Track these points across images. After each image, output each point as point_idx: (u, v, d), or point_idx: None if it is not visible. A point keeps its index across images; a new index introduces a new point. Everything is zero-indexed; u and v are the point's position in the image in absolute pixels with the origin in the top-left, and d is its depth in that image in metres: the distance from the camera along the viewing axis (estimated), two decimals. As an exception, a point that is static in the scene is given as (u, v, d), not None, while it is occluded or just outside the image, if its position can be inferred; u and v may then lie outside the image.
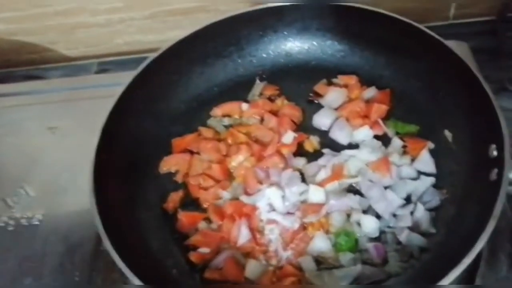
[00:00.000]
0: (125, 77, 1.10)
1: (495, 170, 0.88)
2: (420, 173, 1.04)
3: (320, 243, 0.95)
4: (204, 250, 0.98)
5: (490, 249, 0.99)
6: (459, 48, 1.26)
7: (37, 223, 1.13)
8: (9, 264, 1.07)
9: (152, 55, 1.14)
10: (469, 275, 0.96)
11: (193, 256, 0.97)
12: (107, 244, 0.86)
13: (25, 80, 1.52)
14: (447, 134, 1.06)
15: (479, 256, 0.98)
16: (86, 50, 1.53)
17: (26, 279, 1.05)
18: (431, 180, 1.02)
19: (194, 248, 0.99)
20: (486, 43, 1.35)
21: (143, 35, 1.49)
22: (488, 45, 1.35)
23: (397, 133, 1.10)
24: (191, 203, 1.06)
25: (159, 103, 1.16)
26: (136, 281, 0.82)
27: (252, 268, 0.94)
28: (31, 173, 1.22)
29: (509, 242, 1.01)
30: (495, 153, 0.91)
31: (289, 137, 1.10)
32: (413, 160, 1.05)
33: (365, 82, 1.18)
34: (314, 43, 1.23)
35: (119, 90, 1.08)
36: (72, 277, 1.04)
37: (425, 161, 1.04)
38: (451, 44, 1.07)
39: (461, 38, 1.32)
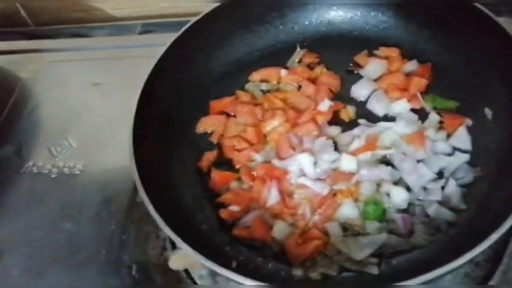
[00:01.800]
0: (167, 38, 1.12)
1: (532, 150, 0.87)
2: (455, 149, 1.03)
3: (348, 210, 0.96)
4: (235, 208, 1.00)
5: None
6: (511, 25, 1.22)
7: (78, 172, 1.19)
8: (50, 209, 1.14)
9: (195, 18, 1.15)
10: (496, 254, 0.96)
11: (223, 213, 1.00)
12: (143, 195, 0.90)
13: (72, 37, 1.57)
14: (487, 111, 1.03)
15: (508, 237, 0.97)
16: (132, 11, 1.56)
17: (65, 224, 1.11)
18: (466, 156, 1.01)
19: (225, 206, 1.02)
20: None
21: (187, -2, 1.50)
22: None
23: (435, 108, 1.08)
24: (224, 163, 1.08)
25: (199, 65, 1.18)
26: (168, 231, 0.86)
27: (279, 229, 0.97)
28: (75, 126, 1.28)
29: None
30: (534, 133, 0.89)
31: (325, 105, 1.10)
32: (449, 136, 1.04)
33: (407, 55, 1.16)
34: (358, 13, 1.22)
35: (161, 50, 1.10)
36: (108, 225, 1.10)
37: (462, 138, 1.03)
38: (502, 20, 1.03)
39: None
